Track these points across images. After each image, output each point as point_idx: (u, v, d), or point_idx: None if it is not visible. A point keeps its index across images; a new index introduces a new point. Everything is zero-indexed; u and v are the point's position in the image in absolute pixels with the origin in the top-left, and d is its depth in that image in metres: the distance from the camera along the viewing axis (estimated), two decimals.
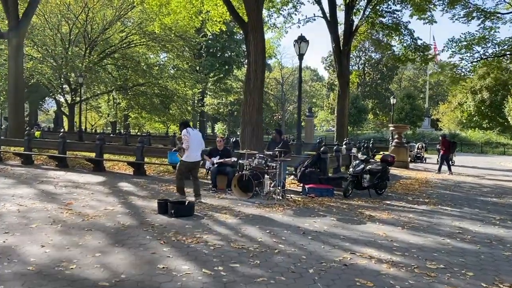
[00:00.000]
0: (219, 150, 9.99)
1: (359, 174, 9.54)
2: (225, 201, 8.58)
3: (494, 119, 41.91)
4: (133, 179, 11.51)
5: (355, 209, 8.28)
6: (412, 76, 79.43)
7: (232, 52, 49.74)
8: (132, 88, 34.39)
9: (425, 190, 11.58)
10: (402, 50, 23.62)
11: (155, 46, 34.07)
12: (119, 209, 7.55)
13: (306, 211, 7.95)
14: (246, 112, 14.16)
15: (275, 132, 9.74)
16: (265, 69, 14.41)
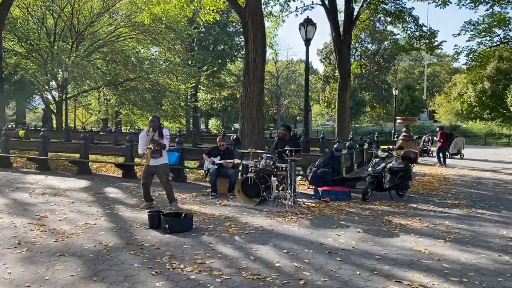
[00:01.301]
0: (220, 150, 8.74)
1: (380, 174, 8.35)
2: (228, 209, 7.36)
3: (495, 109, 40.92)
4: (121, 183, 10.24)
5: (380, 216, 7.09)
6: (408, 67, 78.47)
7: (225, 45, 48.39)
8: (122, 84, 32.96)
9: (447, 189, 10.43)
10: (406, 38, 22.40)
11: (145, 39, 32.63)
12: (102, 222, 6.30)
13: (324, 220, 6.75)
14: (245, 106, 12.91)
15: (283, 129, 8.50)
16: (265, 58, 13.17)
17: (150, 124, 7.19)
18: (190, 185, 10.13)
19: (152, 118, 7.25)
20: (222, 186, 8.81)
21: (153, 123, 7.14)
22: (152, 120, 7.19)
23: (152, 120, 7.19)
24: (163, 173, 7.23)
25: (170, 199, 7.28)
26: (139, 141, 7.26)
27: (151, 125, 7.17)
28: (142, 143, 7.17)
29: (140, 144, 7.21)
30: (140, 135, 7.31)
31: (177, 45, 35.33)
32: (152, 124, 7.14)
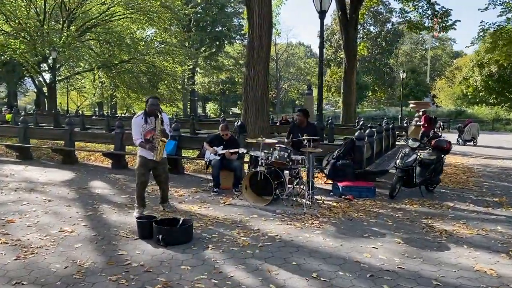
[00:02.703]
0: (223, 140, 7.50)
1: (411, 167, 7.15)
2: (234, 210, 6.16)
3: (502, 94, 39.69)
4: (110, 175, 9.02)
5: (417, 219, 5.92)
6: (409, 51, 76.88)
7: (223, 26, 46.69)
8: (116, 66, 31.45)
9: (478, 182, 9.27)
10: (417, 17, 21.03)
11: (140, 19, 31.01)
12: (81, 230, 5.10)
13: (351, 225, 5.57)
14: (249, 89, 11.67)
15: (300, 114, 7.24)
16: (271, 34, 11.86)
17: (152, 108, 5.59)
18: (188, 177, 8.92)
19: (152, 100, 5.65)
20: (226, 180, 7.60)
21: (157, 107, 5.61)
22: (154, 104, 5.61)
23: (154, 104, 5.61)
24: (164, 169, 5.98)
25: (165, 199, 6.09)
26: (133, 129, 5.66)
27: (153, 109, 5.60)
28: (137, 132, 5.62)
29: (136, 133, 5.63)
30: (135, 122, 5.66)
31: (173, 25, 33.74)
32: (156, 109, 5.60)
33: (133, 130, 5.69)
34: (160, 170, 5.89)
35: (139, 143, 5.65)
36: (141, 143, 5.66)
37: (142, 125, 5.65)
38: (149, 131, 5.66)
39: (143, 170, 5.73)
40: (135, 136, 5.67)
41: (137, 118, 5.72)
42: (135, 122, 5.69)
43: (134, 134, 5.67)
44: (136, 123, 5.68)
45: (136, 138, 5.66)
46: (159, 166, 5.85)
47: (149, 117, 5.66)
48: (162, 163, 5.87)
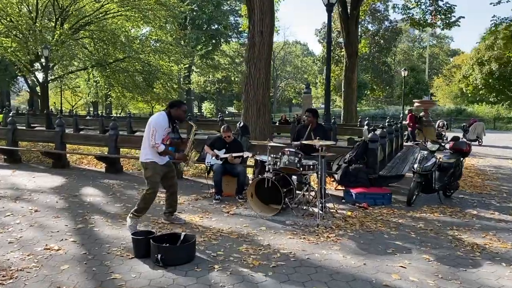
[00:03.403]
0: (226, 142, 6.92)
1: (430, 172, 6.60)
2: (240, 221, 5.59)
3: (502, 92, 39.28)
4: (104, 179, 8.42)
5: (442, 231, 5.37)
6: (406, 49, 76.54)
7: (220, 24, 46.04)
8: (111, 64, 30.76)
9: (495, 186, 8.75)
10: (420, 13, 20.51)
11: (134, 16, 30.32)
12: (69, 247, 4.51)
13: (371, 238, 5.01)
14: (249, 87, 11.13)
15: (309, 114, 6.67)
16: (273, 30, 11.30)
17: (183, 114, 5.11)
18: (187, 183, 8.33)
19: (184, 107, 5.17)
20: (228, 186, 7.03)
21: (185, 115, 5.20)
22: (185, 110, 5.19)
23: (185, 110, 5.19)
24: (175, 173, 5.40)
25: (175, 209, 5.49)
26: (157, 132, 4.88)
27: (183, 116, 5.16)
28: (160, 136, 4.93)
29: (158, 137, 4.90)
30: (159, 124, 4.91)
31: (169, 23, 33.08)
32: (185, 116, 5.22)
33: (156, 133, 4.88)
34: (172, 174, 5.31)
35: (162, 149, 4.95)
36: (167, 151, 5.09)
37: (165, 129, 5.02)
38: (167, 136, 5.10)
39: (158, 177, 5.09)
40: (157, 141, 4.88)
41: (162, 120, 4.96)
42: (160, 124, 4.91)
43: (157, 138, 4.89)
44: (161, 126, 4.92)
45: (157, 143, 4.89)
46: (171, 170, 5.29)
47: (173, 122, 5.10)
48: (172, 167, 5.32)
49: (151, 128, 4.91)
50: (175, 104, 5.10)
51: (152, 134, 4.89)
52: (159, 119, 4.96)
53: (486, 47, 39.21)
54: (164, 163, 5.12)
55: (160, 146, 4.93)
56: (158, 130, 4.89)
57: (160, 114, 5.06)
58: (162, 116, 5.00)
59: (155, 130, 4.89)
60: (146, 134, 5.01)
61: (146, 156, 5.02)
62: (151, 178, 5.01)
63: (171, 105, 5.09)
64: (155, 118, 5.01)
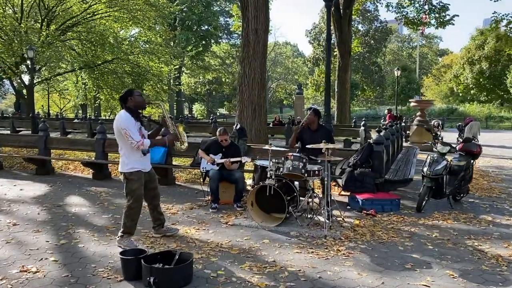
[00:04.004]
0: (222, 146, 6.44)
1: (441, 176, 6.18)
2: (240, 233, 5.11)
3: (493, 91, 39.32)
4: (91, 187, 7.87)
5: (459, 240, 4.95)
6: (396, 49, 76.68)
7: (210, 25, 45.49)
8: (99, 66, 30.07)
9: (503, 188, 8.40)
10: (414, 12, 20.21)
11: (123, 17, 29.67)
12: (49, 268, 4.00)
13: (385, 251, 4.56)
14: (244, 88, 10.69)
15: (311, 113, 6.20)
16: (268, 29, 10.85)
17: (142, 100, 4.50)
18: (181, 189, 7.82)
19: (137, 91, 4.54)
20: (226, 193, 6.55)
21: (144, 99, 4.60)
22: (141, 95, 4.57)
23: (141, 95, 4.57)
24: (156, 182, 4.83)
25: (164, 220, 4.97)
26: (131, 131, 4.31)
27: (143, 102, 4.56)
28: (136, 132, 4.36)
29: (136, 135, 4.34)
30: (128, 121, 4.32)
31: (158, 24, 32.48)
32: (145, 101, 4.63)
33: (130, 133, 4.28)
34: (154, 184, 4.74)
35: (149, 143, 4.40)
36: (155, 141, 4.59)
37: (135, 124, 4.38)
38: (140, 132, 4.46)
39: (142, 188, 4.54)
40: (136, 139, 4.29)
41: (126, 117, 4.33)
42: (127, 121, 4.30)
43: (135, 136, 4.30)
44: (129, 123, 4.31)
45: (139, 141, 4.30)
46: (153, 180, 4.73)
47: (137, 115, 4.45)
48: (153, 173, 4.77)
49: (121, 132, 4.32)
50: (126, 96, 4.42)
51: (127, 136, 4.30)
52: (123, 118, 4.34)
53: (476, 47, 39.25)
54: (148, 170, 4.61)
55: (145, 141, 4.38)
56: (130, 128, 4.29)
57: (120, 114, 4.40)
58: (124, 114, 4.37)
59: (127, 130, 4.28)
60: (120, 140, 4.42)
61: (129, 165, 4.43)
62: (137, 191, 4.48)
63: (124, 100, 4.41)
64: (118, 119, 4.35)
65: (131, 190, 4.48)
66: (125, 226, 4.52)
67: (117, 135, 4.42)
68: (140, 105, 4.48)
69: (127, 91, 4.51)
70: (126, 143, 4.36)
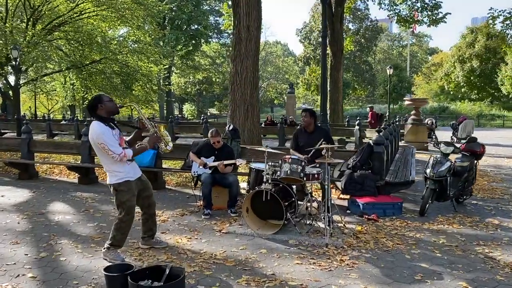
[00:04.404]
0: (214, 148, 6.10)
1: (444, 178, 5.90)
2: (235, 242, 4.77)
3: (483, 89, 39.42)
4: (76, 192, 7.48)
5: (468, 247, 4.66)
6: (386, 48, 76.80)
7: (200, 24, 45.03)
8: (87, 66, 29.49)
9: (504, 188, 8.16)
10: (406, 9, 20.01)
11: (111, 16, 29.14)
12: (26, 285, 3.64)
13: (391, 260, 4.26)
14: (236, 87, 10.36)
15: (306, 114, 5.88)
16: (261, 26, 10.52)
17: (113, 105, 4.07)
18: (171, 194, 7.46)
19: (106, 97, 4.10)
20: (219, 198, 6.21)
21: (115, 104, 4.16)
22: (111, 100, 4.12)
23: (111, 100, 4.12)
24: (151, 189, 4.44)
25: (155, 231, 4.61)
26: (108, 142, 3.93)
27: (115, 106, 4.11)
28: (115, 142, 3.98)
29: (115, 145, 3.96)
30: (103, 131, 3.91)
31: (147, 23, 31.98)
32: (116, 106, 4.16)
33: (108, 146, 3.88)
34: (148, 192, 4.35)
35: (132, 153, 4.04)
36: (136, 149, 4.19)
37: (113, 134, 3.97)
38: (121, 139, 4.09)
39: (134, 199, 4.17)
40: (117, 151, 3.90)
41: (100, 128, 3.90)
42: (103, 133, 3.88)
43: (114, 148, 3.90)
44: (105, 134, 3.89)
45: (120, 153, 3.92)
46: (146, 187, 4.34)
47: (111, 122, 4.05)
48: (145, 179, 4.39)
49: (99, 146, 3.92)
50: (95, 103, 3.97)
51: (106, 150, 3.90)
52: (97, 130, 3.90)
53: (467, 45, 39.31)
54: (138, 176, 4.25)
55: (127, 152, 4.00)
56: (107, 141, 3.88)
57: (93, 126, 3.94)
58: (97, 125, 3.92)
59: (105, 144, 3.88)
60: (100, 154, 4.05)
61: (117, 176, 4.04)
62: (128, 203, 4.10)
63: (93, 108, 3.97)
64: (92, 133, 3.93)
65: (122, 202, 4.10)
66: (114, 239, 4.16)
67: (96, 150, 4.04)
68: (113, 110, 4.06)
69: (95, 98, 4.05)
70: (107, 157, 3.98)
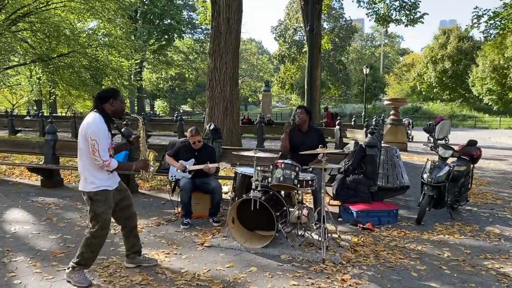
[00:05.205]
0: (194, 149, 5.50)
1: (443, 184, 5.51)
2: (220, 258, 4.20)
3: (455, 90, 40.05)
4: (38, 197, 6.74)
5: (476, 261, 4.26)
6: (359, 47, 77.44)
7: (173, 18, 43.96)
8: (54, 60, 28.15)
9: (493, 192, 7.88)
10: (384, 8, 19.82)
11: (80, 8, 27.88)
12: None
13: (396, 278, 3.79)
14: (215, 83, 9.75)
15: (302, 111, 5.34)
16: (241, 18, 9.94)
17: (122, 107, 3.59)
18: (145, 199, 6.81)
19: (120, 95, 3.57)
20: (199, 205, 5.64)
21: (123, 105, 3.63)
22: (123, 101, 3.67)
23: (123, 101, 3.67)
24: (131, 198, 3.84)
25: (140, 247, 3.98)
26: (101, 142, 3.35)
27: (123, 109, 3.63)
28: (106, 146, 3.40)
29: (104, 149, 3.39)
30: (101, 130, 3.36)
31: (118, 16, 30.83)
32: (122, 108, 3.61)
33: (99, 147, 3.32)
34: (128, 202, 3.76)
35: (115, 166, 3.45)
36: (122, 165, 3.66)
37: (108, 136, 3.45)
38: (111, 144, 3.55)
39: (111, 211, 3.57)
40: (103, 157, 3.34)
41: (101, 125, 3.37)
42: (100, 131, 3.34)
43: (102, 152, 3.34)
44: (102, 134, 3.35)
45: (105, 160, 3.36)
46: (126, 197, 3.74)
47: (110, 122, 3.52)
48: (124, 188, 3.77)
49: (89, 141, 3.33)
50: (110, 95, 3.49)
51: (93, 150, 3.33)
52: (98, 124, 3.36)
53: (439, 46, 39.81)
54: (116, 186, 3.64)
55: (112, 163, 3.42)
56: (101, 141, 3.33)
57: (95, 118, 3.40)
58: (99, 119, 3.40)
59: (97, 143, 3.31)
60: (84, 151, 3.42)
61: (93, 184, 3.44)
62: (104, 215, 3.50)
63: (104, 99, 3.47)
64: (90, 124, 3.37)
65: (96, 214, 3.49)
66: (82, 256, 3.53)
67: (81, 145, 3.42)
68: (119, 113, 3.59)
69: (111, 90, 3.58)
70: (90, 158, 3.39)
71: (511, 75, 32.21)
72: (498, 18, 13.27)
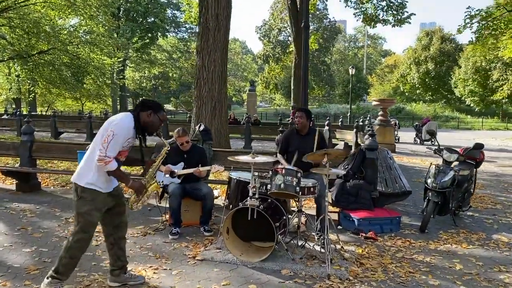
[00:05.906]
0: (183, 152, 5.09)
1: (448, 190, 5.21)
2: (214, 274, 3.81)
3: (437, 91, 40.36)
4: (13, 203, 6.22)
5: (490, 275, 3.97)
6: (342, 48, 77.74)
7: (156, 17, 43.25)
8: (33, 57, 27.27)
9: (491, 196, 7.68)
10: (372, 8, 19.65)
11: (60, 4, 27.07)
12: None
13: None
14: (202, 82, 9.35)
15: (302, 114, 4.98)
16: (231, 14, 9.55)
17: (159, 124, 3.36)
18: None
19: (164, 114, 3.38)
20: (190, 212, 5.23)
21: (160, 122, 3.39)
22: (164, 118, 3.41)
23: (164, 118, 3.41)
24: (124, 206, 3.47)
25: (126, 262, 3.55)
26: (115, 139, 3.07)
27: (159, 126, 3.39)
28: (118, 147, 3.12)
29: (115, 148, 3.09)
30: (124, 128, 3.14)
31: (101, 13, 30.07)
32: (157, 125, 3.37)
33: (112, 141, 3.05)
34: (121, 209, 3.42)
35: (113, 168, 3.10)
36: (120, 173, 3.24)
37: (128, 139, 3.20)
38: (126, 150, 3.26)
39: (97, 215, 3.21)
40: (109, 153, 3.04)
41: (127, 124, 3.16)
42: (123, 129, 3.12)
43: (111, 148, 3.05)
44: (123, 132, 3.12)
45: (108, 156, 3.04)
46: (119, 203, 3.39)
47: (140, 133, 3.27)
48: (120, 193, 3.43)
49: (107, 132, 3.08)
50: (150, 106, 3.29)
51: (106, 140, 3.04)
52: (124, 122, 3.15)
53: (422, 47, 40.05)
54: (110, 191, 3.25)
55: (112, 163, 3.07)
56: (118, 138, 3.08)
57: (127, 116, 3.22)
58: (129, 119, 3.19)
59: (112, 136, 3.05)
60: (96, 143, 3.15)
61: (86, 178, 3.14)
62: (87, 216, 3.14)
63: (144, 106, 3.28)
64: (118, 119, 3.17)
65: (78, 213, 3.17)
66: (60, 263, 3.17)
67: (101, 131, 3.16)
68: (152, 128, 3.32)
69: (156, 103, 3.38)
70: (97, 148, 3.11)
71: (493, 76, 32.58)
72: (491, 18, 13.16)
